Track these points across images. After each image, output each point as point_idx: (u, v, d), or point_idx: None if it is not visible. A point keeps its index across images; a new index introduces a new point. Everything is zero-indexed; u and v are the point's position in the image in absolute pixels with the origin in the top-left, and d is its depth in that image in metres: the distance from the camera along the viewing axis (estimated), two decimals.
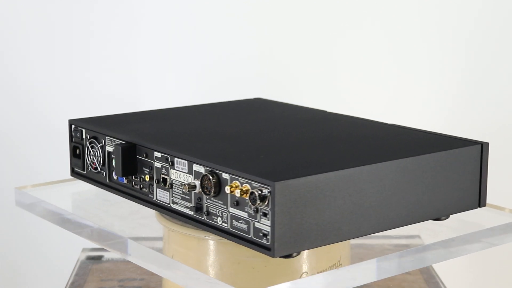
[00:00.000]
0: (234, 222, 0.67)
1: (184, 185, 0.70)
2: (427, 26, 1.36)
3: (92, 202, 0.88)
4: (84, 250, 1.07)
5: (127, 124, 0.82)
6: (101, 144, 0.80)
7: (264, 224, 0.64)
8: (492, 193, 1.36)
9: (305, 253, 0.76)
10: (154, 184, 0.75)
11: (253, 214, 0.65)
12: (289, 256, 0.66)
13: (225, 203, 0.67)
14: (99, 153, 0.80)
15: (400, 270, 0.73)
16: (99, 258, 1.05)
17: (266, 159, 0.69)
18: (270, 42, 1.35)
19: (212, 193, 0.68)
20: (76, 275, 1.01)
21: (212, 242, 0.75)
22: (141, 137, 0.77)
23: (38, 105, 1.33)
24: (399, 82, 1.38)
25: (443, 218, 0.75)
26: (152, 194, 0.75)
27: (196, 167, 0.70)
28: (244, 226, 0.66)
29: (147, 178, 0.75)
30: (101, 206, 0.87)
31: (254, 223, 0.65)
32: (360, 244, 0.88)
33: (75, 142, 0.84)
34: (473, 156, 0.74)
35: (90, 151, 0.81)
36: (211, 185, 0.68)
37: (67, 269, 1.13)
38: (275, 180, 0.63)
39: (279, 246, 0.64)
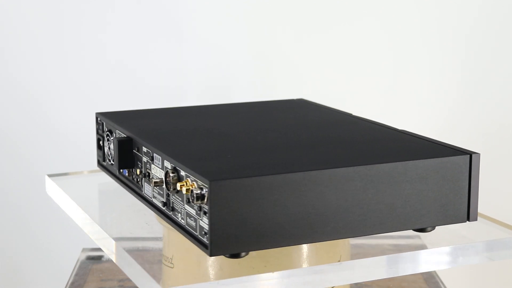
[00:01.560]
0: (188, 219, 0.68)
1: (152, 180, 0.71)
2: (426, 25, 1.35)
3: (106, 195, 0.90)
4: (84, 250, 1.08)
5: (139, 119, 0.85)
6: (113, 137, 0.83)
7: (205, 223, 0.65)
8: (492, 194, 1.35)
9: (304, 253, 0.75)
10: (142, 178, 0.77)
11: (198, 212, 0.66)
12: (237, 255, 0.66)
13: (182, 200, 0.68)
14: (112, 145, 0.83)
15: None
16: (99, 258, 1.06)
17: (232, 159, 0.70)
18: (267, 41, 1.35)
19: (173, 189, 0.69)
20: (76, 275, 1.02)
21: None
22: (139, 132, 0.79)
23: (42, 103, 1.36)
24: (399, 82, 1.37)
25: (428, 229, 0.72)
26: (142, 188, 0.77)
27: (165, 163, 0.71)
28: (193, 224, 0.67)
29: (138, 171, 0.78)
30: (111, 200, 0.89)
31: (199, 221, 0.66)
32: (360, 244, 0.86)
33: (98, 134, 0.87)
34: (460, 167, 0.71)
35: (107, 144, 0.85)
36: (172, 182, 0.69)
37: (67, 269, 1.15)
38: (211, 179, 0.63)
39: (215, 245, 0.64)
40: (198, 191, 0.64)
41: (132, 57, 1.35)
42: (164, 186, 0.71)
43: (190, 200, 0.65)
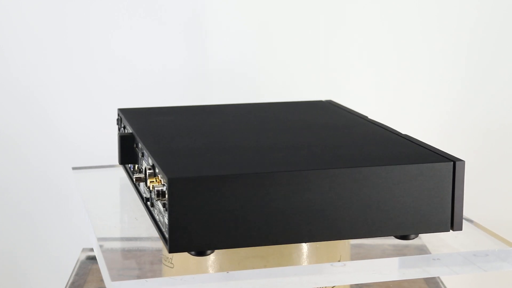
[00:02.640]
0: (159, 215, 0.69)
1: (134, 176, 0.73)
2: (427, 25, 1.34)
3: (121, 191, 0.92)
4: (84, 250, 1.09)
5: (152, 116, 0.87)
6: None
7: (167, 219, 0.66)
8: (493, 194, 1.35)
9: (304, 253, 0.75)
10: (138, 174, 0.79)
11: (164, 208, 0.67)
12: (202, 253, 0.66)
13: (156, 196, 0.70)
14: None
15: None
16: None
17: (210, 157, 0.70)
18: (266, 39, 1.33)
19: (148, 186, 0.71)
20: (76, 275, 1.02)
21: None
22: (140, 128, 0.81)
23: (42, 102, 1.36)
24: (400, 82, 1.35)
25: (412, 236, 0.70)
26: (139, 184, 0.79)
27: (150, 160, 0.73)
28: (162, 220, 0.68)
29: (136, 167, 0.80)
30: (125, 196, 0.91)
31: (164, 217, 0.67)
32: (360, 244, 0.85)
33: (119, 130, 0.90)
34: (443, 174, 0.69)
35: None
36: (148, 178, 0.70)
37: (67, 269, 1.15)
38: (170, 176, 0.64)
39: (174, 242, 0.65)
40: (160, 188, 0.65)
41: (151, 52, 1.35)
42: (143, 182, 0.72)
43: (155, 197, 0.66)
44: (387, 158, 0.70)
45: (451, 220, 0.69)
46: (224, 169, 0.66)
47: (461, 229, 0.70)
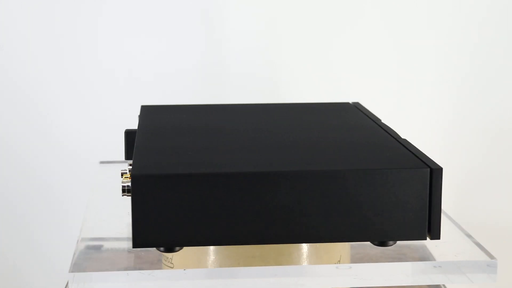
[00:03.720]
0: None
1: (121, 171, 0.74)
2: (432, 26, 1.33)
3: None
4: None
5: (167, 114, 0.88)
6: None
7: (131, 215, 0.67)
8: (491, 195, 1.33)
9: (304, 253, 0.75)
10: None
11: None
12: (171, 250, 0.67)
13: None
14: None
15: None
16: None
17: (190, 156, 0.71)
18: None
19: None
20: None
21: None
22: (145, 125, 0.82)
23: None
24: (402, 82, 1.34)
25: (390, 243, 0.68)
26: None
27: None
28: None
29: None
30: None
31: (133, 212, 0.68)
32: (359, 244, 0.83)
33: None
34: (419, 181, 0.66)
35: None
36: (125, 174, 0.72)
37: (67, 269, 1.14)
38: (134, 173, 0.65)
39: (137, 237, 0.66)
40: (125, 184, 0.66)
41: (172, 49, 1.35)
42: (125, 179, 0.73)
43: (122, 192, 0.67)
44: (363, 162, 0.69)
45: (428, 228, 0.67)
46: (193, 168, 0.67)
47: (438, 238, 0.67)
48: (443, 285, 0.87)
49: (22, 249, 1.36)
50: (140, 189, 0.65)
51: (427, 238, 0.68)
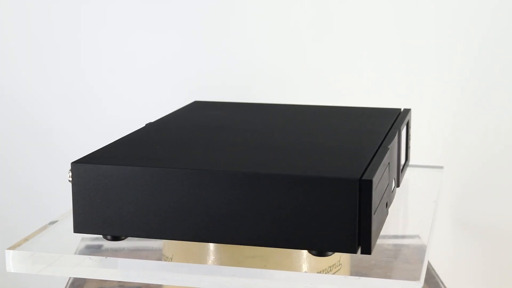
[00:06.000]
0: None
1: None
2: (436, 26, 1.31)
3: None
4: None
5: (208, 109, 0.90)
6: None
7: None
8: (490, 196, 1.33)
9: (304, 253, 0.75)
10: None
11: None
12: (117, 238, 0.70)
13: None
14: None
15: None
16: None
17: (157, 150, 0.73)
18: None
19: None
20: None
21: None
22: (168, 119, 0.85)
23: None
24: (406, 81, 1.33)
25: (328, 253, 0.66)
26: None
27: None
28: None
29: None
30: None
31: None
32: None
33: None
34: (347, 192, 0.63)
35: None
36: None
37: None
38: (74, 162, 0.69)
39: (77, 224, 0.69)
40: (70, 173, 0.70)
41: (197, 47, 1.34)
42: None
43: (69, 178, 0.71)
44: (301, 168, 0.66)
45: (358, 241, 0.64)
46: (130, 161, 0.68)
47: (369, 253, 0.64)
48: (441, 281, 0.82)
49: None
50: (76, 177, 0.68)
51: (358, 252, 0.64)
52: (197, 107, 0.92)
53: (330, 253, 0.66)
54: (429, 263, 1.07)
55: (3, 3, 1.34)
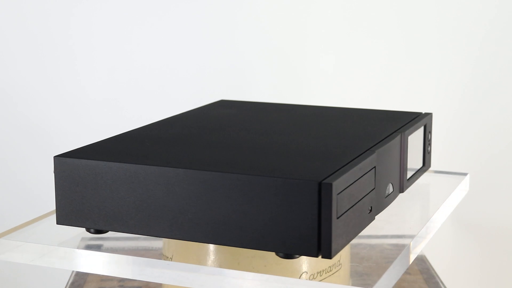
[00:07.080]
0: None
1: None
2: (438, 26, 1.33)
3: None
4: None
5: (229, 108, 0.91)
6: None
7: None
8: (490, 196, 1.36)
9: None
10: None
11: None
12: (100, 232, 0.72)
13: None
14: None
15: None
16: None
17: (148, 147, 0.74)
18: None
19: None
20: (76, 275, 1.02)
21: None
22: (185, 116, 0.86)
23: None
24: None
25: (295, 256, 0.65)
26: None
27: None
28: None
29: None
30: None
31: None
32: (359, 244, 0.78)
33: None
34: (307, 194, 0.62)
35: None
36: None
37: (67, 269, 1.11)
38: (57, 155, 0.71)
39: (59, 216, 0.71)
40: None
41: (209, 48, 1.33)
42: None
43: None
44: (262, 169, 0.66)
45: (318, 245, 0.63)
46: (113, 157, 0.70)
47: (329, 257, 0.63)
48: (441, 281, 0.80)
49: None
50: (58, 171, 0.70)
51: (318, 255, 0.63)
52: (217, 105, 0.93)
53: (296, 256, 0.65)
54: (429, 263, 1.05)
55: (3, 3, 1.38)
